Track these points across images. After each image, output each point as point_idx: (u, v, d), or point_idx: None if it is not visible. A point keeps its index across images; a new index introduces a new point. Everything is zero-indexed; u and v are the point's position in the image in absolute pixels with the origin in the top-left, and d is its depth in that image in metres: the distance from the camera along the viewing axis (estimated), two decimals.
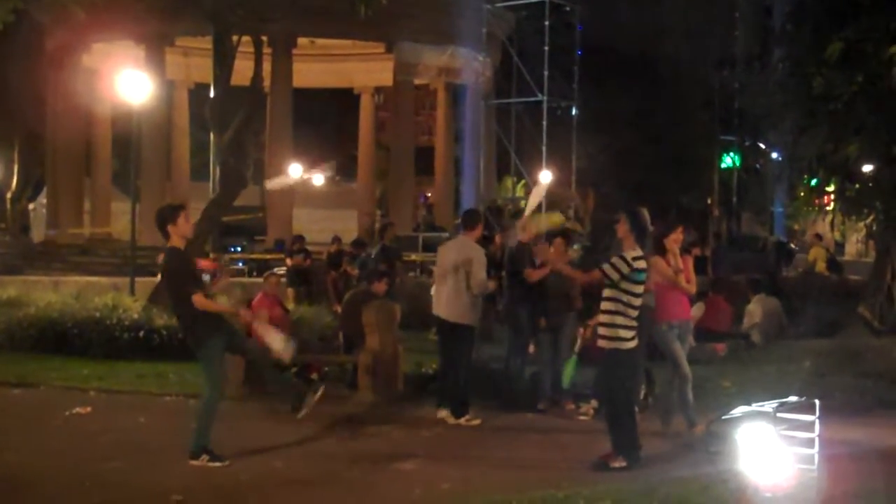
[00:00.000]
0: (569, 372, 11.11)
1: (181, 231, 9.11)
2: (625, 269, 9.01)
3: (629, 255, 9.07)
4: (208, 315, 8.96)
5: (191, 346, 9.24)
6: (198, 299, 8.87)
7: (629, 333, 9.11)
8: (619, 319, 9.08)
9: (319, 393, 9.76)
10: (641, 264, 9.09)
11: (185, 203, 10.25)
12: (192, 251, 9.41)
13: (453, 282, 11.05)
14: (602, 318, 9.21)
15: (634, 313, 9.13)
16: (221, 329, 9.12)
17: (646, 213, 9.39)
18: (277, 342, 9.42)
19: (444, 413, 11.12)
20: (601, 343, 9.21)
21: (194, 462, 8.88)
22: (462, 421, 11.01)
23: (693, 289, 10.84)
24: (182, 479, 8.50)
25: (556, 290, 11.82)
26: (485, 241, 17.40)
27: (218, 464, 8.87)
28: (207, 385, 9.16)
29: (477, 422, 11.05)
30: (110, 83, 20.79)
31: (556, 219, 26.57)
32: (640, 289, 9.13)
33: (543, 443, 10.22)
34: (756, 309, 16.89)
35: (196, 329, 9.06)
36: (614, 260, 9.06)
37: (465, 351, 11.31)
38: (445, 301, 11.15)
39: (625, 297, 9.07)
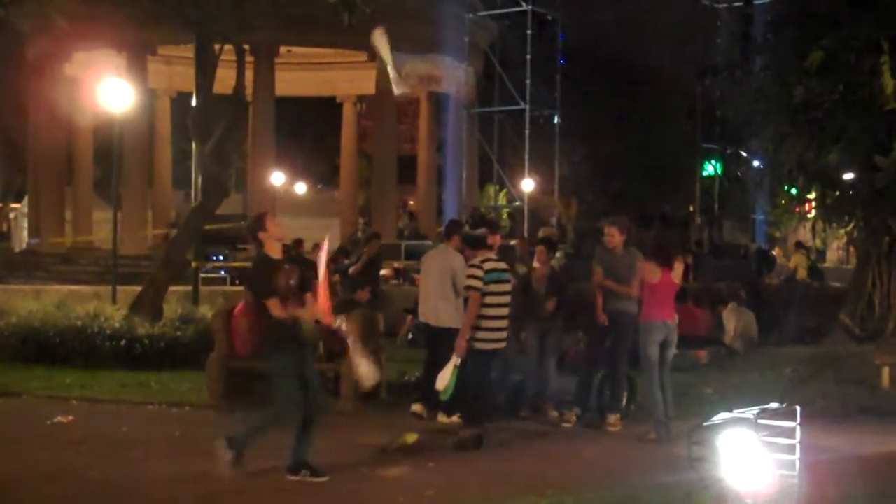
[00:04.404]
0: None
1: (273, 234, 8.76)
2: (480, 274, 10.11)
3: (478, 261, 10.24)
4: (283, 328, 8.58)
5: (266, 362, 8.93)
6: (272, 305, 8.50)
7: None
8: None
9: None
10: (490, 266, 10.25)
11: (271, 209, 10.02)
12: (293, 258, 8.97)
13: (439, 289, 11.33)
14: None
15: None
16: (295, 348, 8.69)
17: (627, 220, 9.53)
18: (363, 366, 9.06)
19: (417, 407, 11.25)
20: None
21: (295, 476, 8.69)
22: (455, 418, 11.16)
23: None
24: (164, 488, 8.48)
25: (542, 297, 11.90)
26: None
27: (320, 478, 8.65)
28: (274, 401, 8.77)
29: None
30: (92, 92, 20.74)
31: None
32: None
33: (526, 450, 10.23)
34: (729, 319, 16.96)
35: (268, 340, 8.74)
36: (473, 271, 10.19)
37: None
38: (433, 308, 11.39)
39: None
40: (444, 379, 9.80)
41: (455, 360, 9.87)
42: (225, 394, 12.24)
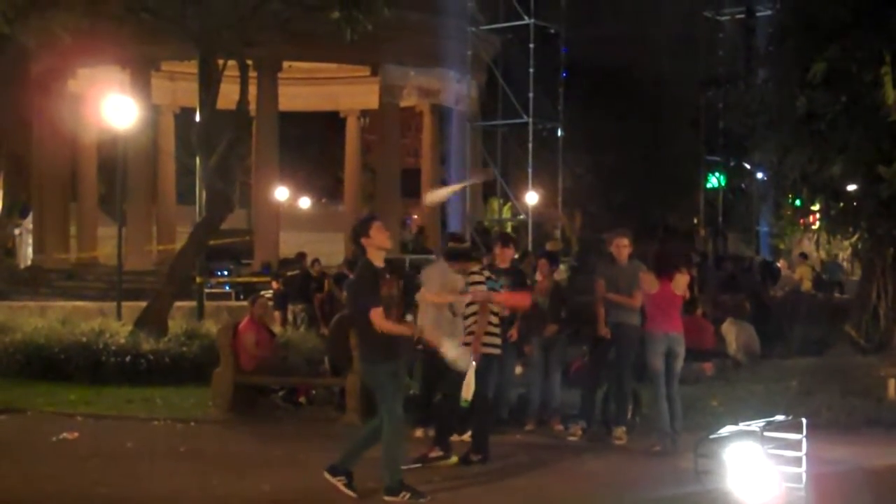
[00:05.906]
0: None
1: (376, 242, 8.50)
2: (482, 279, 10.55)
3: (476, 269, 10.73)
4: (383, 338, 8.40)
5: (362, 372, 8.93)
6: (375, 316, 8.31)
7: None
8: None
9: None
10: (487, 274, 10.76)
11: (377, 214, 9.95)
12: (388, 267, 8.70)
13: (437, 305, 11.22)
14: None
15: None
16: (395, 357, 8.55)
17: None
18: (451, 350, 9.04)
19: (419, 431, 11.19)
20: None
21: (391, 499, 8.39)
22: (465, 437, 11.10)
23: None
24: None
25: (546, 310, 11.90)
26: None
27: (422, 500, 8.37)
28: (384, 416, 8.56)
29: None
30: (96, 108, 20.79)
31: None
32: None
33: (532, 464, 10.21)
34: (729, 332, 16.91)
35: (369, 350, 8.58)
36: (475, 278, 10.56)
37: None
38: (431, 323, 11.28)
39: None
40: (470, 387, 9.72)
41: (472, 367, 9.76)
42: (230, 408, 12.25)
